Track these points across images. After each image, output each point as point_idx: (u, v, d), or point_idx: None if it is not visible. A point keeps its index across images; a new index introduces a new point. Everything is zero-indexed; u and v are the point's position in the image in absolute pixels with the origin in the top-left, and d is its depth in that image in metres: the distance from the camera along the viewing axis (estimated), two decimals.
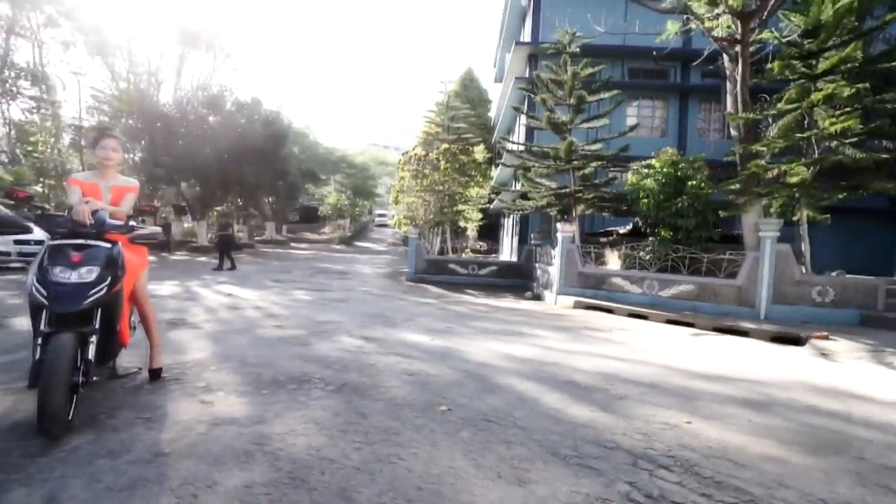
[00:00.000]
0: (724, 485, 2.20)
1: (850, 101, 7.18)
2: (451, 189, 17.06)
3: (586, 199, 10.98)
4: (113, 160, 3.16)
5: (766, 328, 7.00)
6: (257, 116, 21.41)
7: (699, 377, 4.36)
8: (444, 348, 5.07)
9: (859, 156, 6.95)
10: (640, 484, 2.17)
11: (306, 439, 2.51)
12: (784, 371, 4.87)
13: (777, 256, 7.55)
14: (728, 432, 2.92)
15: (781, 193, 7.82)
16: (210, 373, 3.66)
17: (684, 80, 15.94)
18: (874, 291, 7.39)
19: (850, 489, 2.23)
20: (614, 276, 9.70)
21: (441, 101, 20.34)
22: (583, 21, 12.57)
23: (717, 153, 12.13)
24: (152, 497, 1.89)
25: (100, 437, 2.42)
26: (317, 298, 8.89)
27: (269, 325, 5.87)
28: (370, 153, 48.21)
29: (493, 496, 2.01)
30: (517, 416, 3.03)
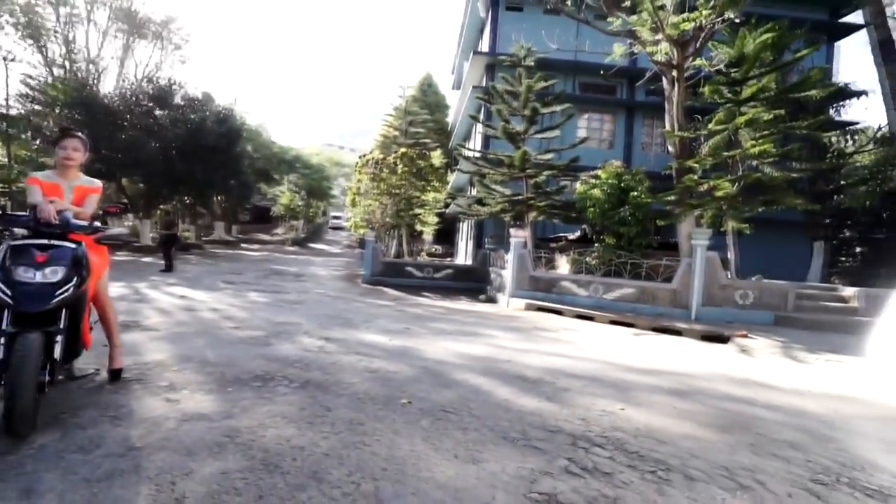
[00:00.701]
0: (647, 458, 2.58)
1: (769, 125, 8.08)
2: (409, 193, 17.26)
3: (539, 206, 11.53)
4: (74, 160, 3.16)
5: (697, 328, 7.71)
6: (209, 113, 20.66)
7: (635, 371, 4.83)
8: (403, 348, 5.29)
9: (775, 174, 7.84)
10: (578, 459, 2.50)
11: (276, 431, 2.66)
12: (708, 365, 5.45)
13: (707, 263, 8.34)
14: (655, 416, 3.33)
15: (711, 206, 8.64)
16: (172, 373, 3.69)
17: (630, 97, 17.01)
18: (786, 295, 8.33)
19: (747, 457, 2.67)
20: (563, 280, 10.26)
21: (399, 106, 20.49)
22: (537, 36, 13.21)
23: (658, 166, 13.08)
24: (131, 485, 2.00)
25: (66, 435, 2.47)
26: (273, 300, 8.83)
27: (226, 326, 5.84)
28: (326, 154, 47.50)
29: (451, 473, 2.27)
30: (472, 407, 3.30)
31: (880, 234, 16.51)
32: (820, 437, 3.15)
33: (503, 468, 2.34)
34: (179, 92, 21.23)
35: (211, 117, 20.37)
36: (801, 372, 5.37)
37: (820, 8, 16.55)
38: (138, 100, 20.66)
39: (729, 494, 2.22)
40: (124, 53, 24.95)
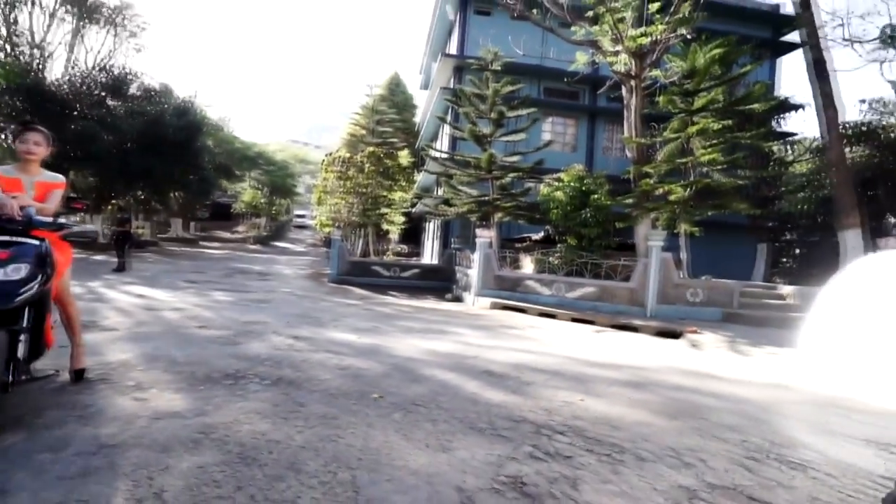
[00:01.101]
0: (604, 442, 2.80)
1: (718, 134, 8.66)
2: (376, 192, 17.22)
3: (504, 207, 11.82)
4: (36, 155, 3.09)
5: (652, 324, 8.16)
6: (168, 105, 19.85)
7: (594, 365, 5.12)
8: (372, 345, 5.37)
9: (723, 181, 8.41)
10: (541, 445, 2.69)
11: (250, 426, 2.71)
12: (661, 359, 5.82)
13: (662, 263, 8.83)
14: (611, 406, 3.58)
15: (666, 209, 9.16)
16: (138, 372, 3.64)
17: (593, 103, 17.63)
18: (732, 293, 8.94)
19: (692, 440, 2.94)
20: (527, 279, 10.58)
21: (367, 105, 20.35)
22: (504, 41, 13.51)
23: (618, 170, 13.65)
24: (106, 482, 2.02)
25: (32, 436, 2.43)
26: (238, 300, 8.68)
27: (192, 326, 5.74)
28: (290, 150, 46.47)
29: (423, 461, 2.40)
30: (441, 401, 3.44)
31: (816, 237, 17.87)
32: (756, 420, 3.48)
33: (472, 455, 2.50)
34: (136, 82, 20.30)
35: (170, 110, 19.59)
36: (744, 364, 5.83)
37: (765, 26, 17.71)
38: (90, 89, 19.61)
39: (674, 471, 2.46)
40: (73, 39, 23.52)
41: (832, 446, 3.03)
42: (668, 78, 9.26)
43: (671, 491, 2.24)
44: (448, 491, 2.10)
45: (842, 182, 9.89)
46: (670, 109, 8.87)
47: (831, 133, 10.14)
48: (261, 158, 35.34)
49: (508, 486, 2.17)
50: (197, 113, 21.28)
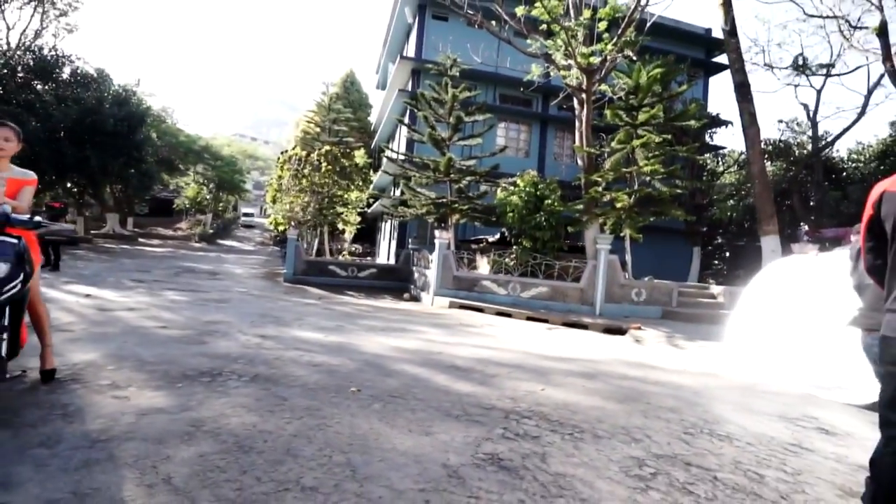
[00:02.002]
0: (565, 424, 3.16)
1: (658, 147, 9.47)
2: (332, 191, 17.10)
3: (461, 209, 12.19)
4: (6, 151, 3.03)
5: (600, 322, 8.80)
6: (108, 93, 18.61)
7: (550, 359, 5.54)
8: (340, 343, 5.51)
9: (663, 189, 9.21)
10: (511, 428, 3.01)
11: (239, 419, 2.83)
12: (610, 353, 6.37)
13: (609, 265, 9.52)
14: (569, 394, 3.98)
15: (612, 214, 9.88)
16: (109, 372, 3.61)
17: (545, 110, 18.44)
18: (670, 292, 9.80)
19: (639, 420, 3.37)
20: (484, 280, 11.00)
21: (322, 102, 20.10)
22: (461, 47, 13.91)
23: (568, 175, 14.43)
24: (112, 471, 2.11)
25: (18, 434, 2.44)
26: (194, 299, 8.45)
27: (151, 326, 5.61)
28: (238, 145, 44.65)
29: (409, 444, 2.65)
30: (415, 392, 3.69)
31: (742, 241, 19.71)
32: (691, 403, 3.99)
33: (452, 438, 2.77)
34: (68, 66, 18.89)
35: (109, 98, 18.39)
36: (680, 356, 6.50)
37: (698, 47, 19.29)
38: (13, 70, 18.04)
39: (625, 446, 2.86)
40: None
41: (751, 422, 3.57)
42: (615, 93, 10.00)
43: (624, 461, 2.62)
44: (435, 467, 2.36)
45: (762, 193, 11.08)
46: (616, 122, 9.60)
47: (754, 149, 11.33)
48: (207, 153, 33.77)
49: (487, 462, 2.47)
50: (139, 103, 20.10)
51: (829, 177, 18.53)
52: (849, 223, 16.69)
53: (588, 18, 8.77)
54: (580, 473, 2.42)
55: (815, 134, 17.96)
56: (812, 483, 2.57)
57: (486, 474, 2.33)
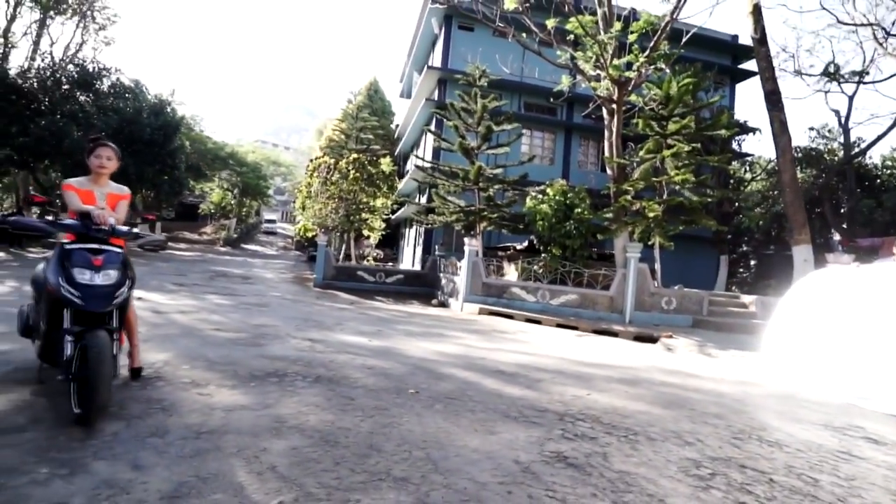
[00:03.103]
0: (618, 427, 3.32)
1: (689, 156, 9.53)
2: (359, 198, 17.50)
3: (490, 217, 12.38)
4: (108, 169, 3.35)
5: (630, 330, 8.87)
6: (145, 104, 19.41)
7: (588, 365, 5.68)
8: (385, 347, 5.75)
9: (693, 199, 9.27)
10: (568, 429, 3.18)
11: (316, 417, 3.07)
12: (644, 360, 6.46)
13: (638, 273, 9.59)
14: (615, 399, 4.12)
15: (641, 223, 9.95)
16: (185, 371, 3.90)
17: (569, 118, 18.55)
18: (701, 301, 9.80)
19: (687, 425, 3.51)
20: (513, 287, 11.15)
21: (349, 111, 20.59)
22: (486, 56, 14.14)
23: (593, 183, 14.50)
24: (222, 458, 2.36)
25: (130, 425, 2.71)
26: (237, 303, 8.81)
27: (207, 328, 5.94)
28: (262, 152, 45.75)
29: (477, 442, 2.84)
30: (470, 394, 3.89)
31: (769, 250, 19.43)
32: (734, 410, 4.10)
33: (515, 437, 2.96)
34: (108, 77, 19.76)
35: (146, 108, 19.18)
36: (715, 364, 6.56)
37: (725, 54, 19.20)
38: (58, 82, 18.96)
39: (679, 448, 3.00)
40: (40, 30, 22.62)
41: (797, 429, 3.67)
42: (645, 104, 10.11)
43: (681, 462, 2.77)
44: (508, 463, 2.55)
45: (793, 202, 11.01)
46: (646, 132, 9.70)
47: (784, 157, 11.27)
48: (232, 159, 34.74)
49: (554, 459, 2.65)
50: (174, 112, 20.88)
51: (861, 184, 18.17)
52: (883, 232, 16.35)
53: (619, 31, 8.92)
54: (642, 472, 2.58)
55: (846, 141, 17.66)
56: (866, 488, 2.67)
57: (555, 470, 2.51)
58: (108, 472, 2.13)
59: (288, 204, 55.79)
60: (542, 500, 2.17)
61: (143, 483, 2.07)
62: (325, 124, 39.19)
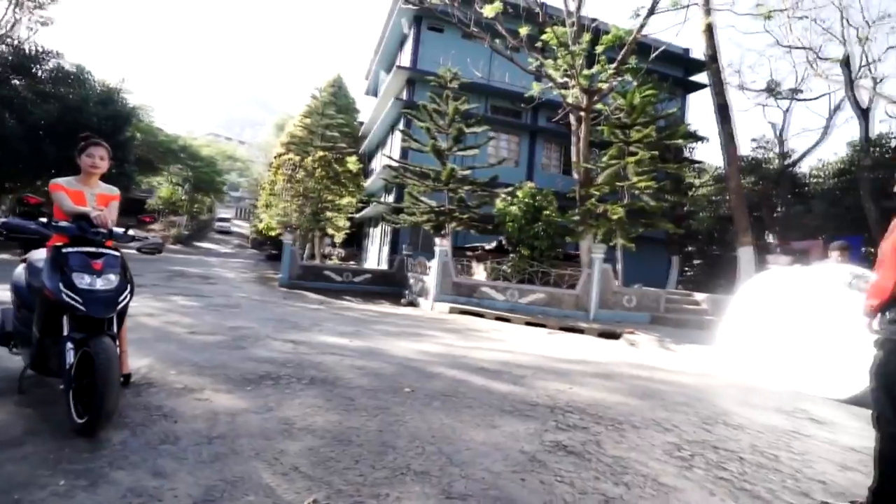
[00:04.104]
0: (604, 417, 3.60)
1: (651, 163, 10.15)
2: (325, 197, 17.26)
3: (460, 218, 12.61)
4: (100, 169, 3.26)
5: (595, 327, 9.35)
6: (92, 92, 18.19)
7: (564, 361, 5.99)
8: (368, 348, 5.81)
9: (653, 204, 9.88)
10: (560, 421, 3.42)
11: (322, 418, 3.14)
12: (613, 356, 6.88)
13: (603, 273, 10.11)
14: (594, 392, 4.42)
15: (605, 225, 10.49)
16: (175, 376, 3.83)
17: (534, 122, 19.10)
18: (659, 299, 10.46)
19: (663, 413, 3.84)
20: (484, 286, 11.43)
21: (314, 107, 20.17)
22: (455, 58, 14.36)
23: (556, 185, 15.03)
24: (243, 462, 2.40)
25: (136, 433, 2.66)
26: (205, 304, 8.55)
27: (180, 331, 5.78)
28: (217, 146, 43.84)
29: (483, 435, 3.02)
30: (463, 392, 4.06)
31: (715, 250, 20.84)
32: (698, 398, 4.50)
33: (516, 430, 3.16)
34: (48, 61, 18.38)
35: (93, 97, 18.00)
36: (675, 357, 7.07)
37: (678, 67, 20.38)
38: None
39: (660, 434, 3.31)
40: None
41: (754, 414, 4.10)
42: (611, 112, 10.66)
43: (664, 446, 3.07)
44: (515, 453, 2.74)
45: (739, 207, 11.93)
46: (612, 139, 10.24)
47: (732, 166, 12.19)
48: (185, 153, 33.12)
49: (555, 448, 2.87)
50: (124, 102, 19.68)
51: (793, 191, 19.87)
52: (812, 236, 17.96)
53: (588, 42, 9.37)
54: (633, 456, 2.85)
55: (782, 151, 19.27)
56: (816, 461, 3.07)
57: (558, 458, 2.72)
58: (130, 481, 2.13)
59: (243, 200, 53.80)
60: (553, 485, 2.38)
61: (171, 489, 2.09)
62: (285, 119, 38.09)
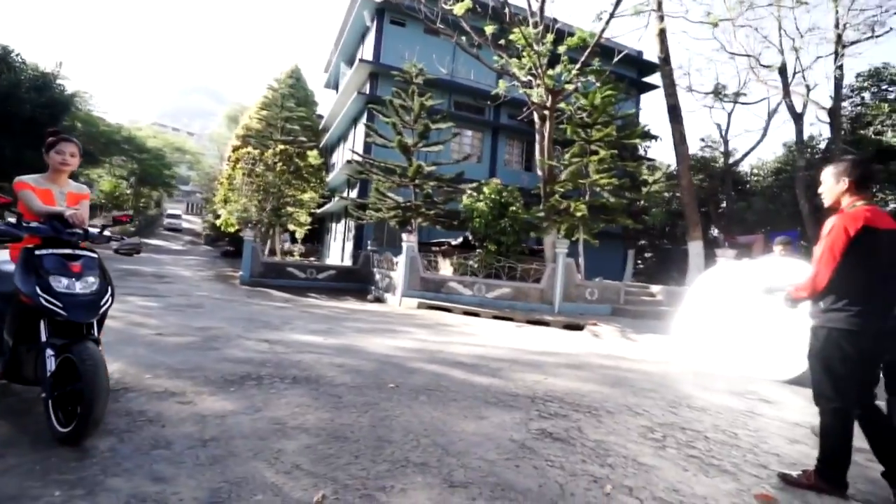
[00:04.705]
0: (580, 405, 3.81)
1: (611, 161, 10.62)
2: (286, 192, 16.82)
3: (427, 214, 12.67)
4: (70, 166, 3.11)
5: (560, 319, 9.71)
6: (24, 77, 16.77)
7: (536, 353, 6.23)
8: (344, 345, 5.81)
9: (613, 200, 10.35)
10: (542, 410, 3.60)
11: (313, 416, 3.16)
12: (580, 347, 7.20)
13: (566, 267, 10.50)
14: (568, 382, 4.65)
15: (569, 221, 10.89)
16: (151, 380, 3.71)
17: (496, 119, 19.38)
18: (619, 292, 10.99)
19: (633, 399, 4.11)
20: (451, 281, 11.58)
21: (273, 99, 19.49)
22: (418, 53, 14.33)
23: (517, 181, 15.38)
24: (243, 463, 2.40)
25: (123, 439, 2.58)
26: (166, 305, 8.20)
27: (147, 333, 5.55)
28: (164, 137, 41.50)
29: (472, 426, 3.14)
30: (445, 385, 4.17)
31: (666, 244, 22.00)
32: (662, 384, 4.84)
33: (502, 420, 3.31)
34: None
35: (26, 82, 16.61)
36: (636, 347, 7.49)
37: (632, 68, 21.24)
38: None
39: (633, 418, 3.56)
40: None
41: (713, 397, 4.46)
42: (574, 112, 11.04)
43: (638, 429, 3.31)
44: (506, 442, 2.89)
45: (690, 203, 12.70)
46: (574, 138, 10.62)
47: (683, 164, 12.94)
48: (129, 144, 31.15)
49: (542, 435, 3.04)
50: (61, 89, 18.25)
51: (736, 188, 21.32)
52: (751, 230, 19.35)
53: (552, 42, 9.65)
54: (613, 439, 3.07)
55: (726, 151, 20.60)
56: (769, 437, 3.41)
57: (546, 444, 2.89)
58: (129, 488, 2.09)
59: (194, 194, 51.30)
60: (545, 469, 2.54)
61: (174, 493, 2.07)
62: (238, 111, 36.51)
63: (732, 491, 2.46)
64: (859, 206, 2.46)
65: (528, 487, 2.32)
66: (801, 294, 2.58)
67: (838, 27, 14.29)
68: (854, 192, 2.52)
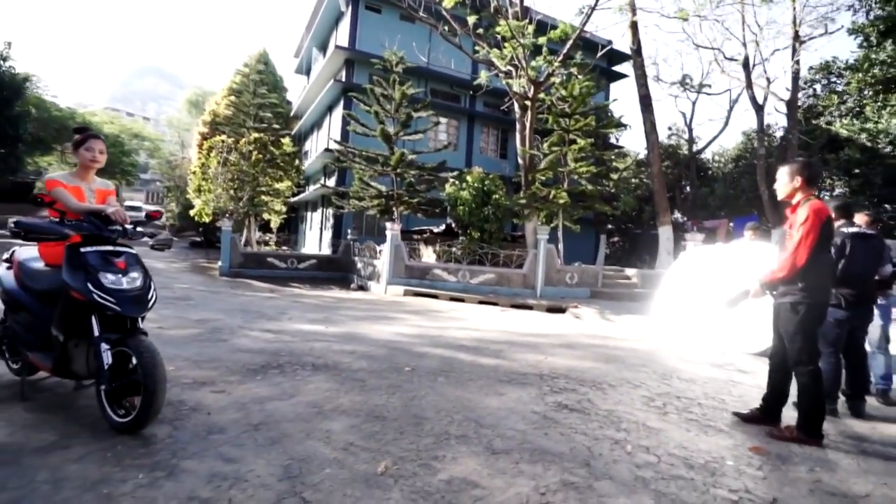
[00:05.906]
0: (585, 380, 4.17)
1: (590, 150, 11.04)
2: (262, 181, 16.51)
3: (409, 202, 12.80)
4: (99, 163, 3.16)
5: (543, 303, 10.14)
6: None
7: (529, 335, 6.59)
8: (346, 333, 5.98)
9: (591, 188, 10.80)
10: (552, 385, 3.93)
11: (345, 399, 3.36)
12: (565, 328, 7.62)
13: (548, 253, 10.92)
14: (567, 360, 5.02)
15: (549, 208, 11.29)
16: (174, 372, 3.78)
17: (472, 107, 19.52)
18: (597, 276, 11.53)
19: (628, 373, 4.51)
20: (435, 268, 11.81)
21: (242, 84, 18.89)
22: (394, 40, 14.27)
23: (493, 167, 15.67)
24: (299, 442, 2.59)
25: (176, 427, 2.72)
26: None
27: (147, 326, 5.47)
28: (121, 123, 39.38)
29: (494, 403, 3.43)
30: (456, 367, 4.44)
31: (634, 228, 22.92)
32: (651, 360, 5.27)
33: (520, 396, 3.61)
34: None
35: None
36: (617, 327, 7.99)
37: (602, 58, 21.75)
38: None
39: (634, 390, 3.94)
40: None
41: (698, 369, 4.92)
42: (553, 102, 11.36)
43: (641, 399, 3.69)
44: (530, 414, 3.19)
45: (660, 190, 13.36)
46: (553, 127, 10.96)
47: (654, 152, 13.56)
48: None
49: (560, 407, 3.36)
50: (12, 72, 17.07)
51: (699, 175, 22.40)
52: (714, 215, 20.43)
53: (533, 34, 9.87)
54: (621, 409, 3.42)
55: (690, 138, 21.57)
56: (749, 400, 3.85)
57: (564, 415, 3.21)
58: (205, 469, 2.25)
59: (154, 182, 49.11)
60: (571, 435, 2.85)
61: (250, 471, 2.25)
62: (200, 95, 35.04)
63: (730, 446, 2.85)
64: (814, 200, 2.89)
65: (561, 451, 2.62)
66: (779, 275, 2.96)
67: (795, 24, 15.16)
68: (805, 188, 2.98)
